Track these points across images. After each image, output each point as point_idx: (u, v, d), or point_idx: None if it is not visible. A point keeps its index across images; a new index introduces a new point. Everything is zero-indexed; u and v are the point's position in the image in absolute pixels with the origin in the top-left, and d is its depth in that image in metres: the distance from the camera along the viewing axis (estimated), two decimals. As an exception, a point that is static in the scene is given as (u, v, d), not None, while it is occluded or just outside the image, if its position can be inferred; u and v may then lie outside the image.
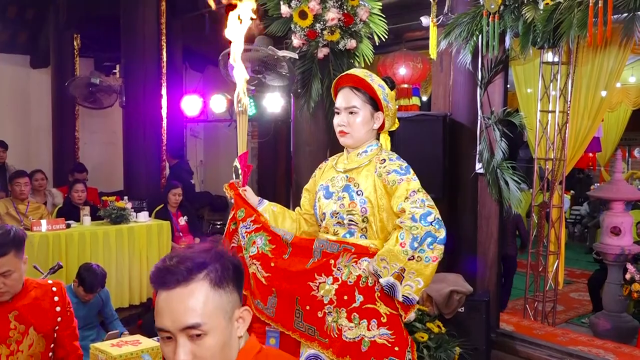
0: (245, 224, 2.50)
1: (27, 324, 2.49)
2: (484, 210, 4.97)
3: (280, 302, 2.47)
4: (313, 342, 2.45)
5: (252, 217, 2.50)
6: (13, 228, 2.49)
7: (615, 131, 10.45)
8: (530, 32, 4.35)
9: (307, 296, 2.44)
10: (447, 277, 4.79)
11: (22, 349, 2.49)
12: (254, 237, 2.48)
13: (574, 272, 8.08)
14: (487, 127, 4.82)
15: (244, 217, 2.50)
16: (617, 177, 5.73)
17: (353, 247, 2.46)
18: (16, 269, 2.44)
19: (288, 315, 2.47)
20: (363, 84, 2.50)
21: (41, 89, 8.48)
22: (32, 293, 2.54)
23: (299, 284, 2.45)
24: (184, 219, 6.20)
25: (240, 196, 2.54)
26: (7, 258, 2.38)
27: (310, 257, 2.46)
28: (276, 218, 2.62)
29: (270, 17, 4.44)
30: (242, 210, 2.52)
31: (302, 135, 4.70)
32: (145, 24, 6.80)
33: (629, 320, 5.48)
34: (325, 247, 2.47)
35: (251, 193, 2.59)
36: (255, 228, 2.48)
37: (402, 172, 2.40)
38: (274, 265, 2.46)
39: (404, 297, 2.33)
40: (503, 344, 4.87)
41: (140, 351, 3.23)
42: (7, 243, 2.40)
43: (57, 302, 2.59)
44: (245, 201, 2.54)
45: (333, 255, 2.45)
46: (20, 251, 2.47)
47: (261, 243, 2.47)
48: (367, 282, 2.42)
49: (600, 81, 5.72)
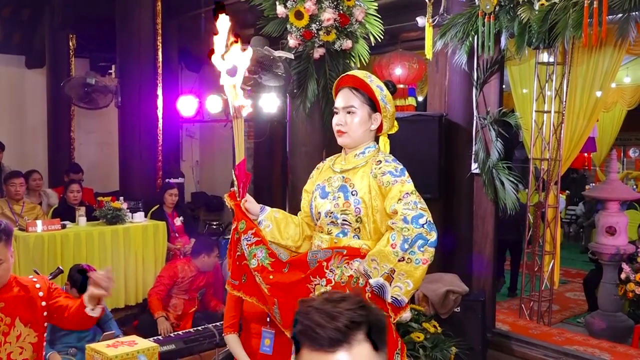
0: (246, 236, 2.49)
1: (13, 316, 2.50)
2: (479, 210, 4.98)
3: (283, 312, 2.47)
4: None
5: (253, 230, 2.50)
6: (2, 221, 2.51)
7: (611, 131, 10.50)
8: (525, 33, 4.37)
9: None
10: (443, 277, 4.80)
11: (10, 340, 2.50)
12: (254, 250, 2.48)
13: (569, 272, 8.09)
14: (482, 127, 4.83)
15: (245, 229, 2.50)
16: (612, 177, 5.74)
17: (345, 250, 2.46)
18: (5, 259, 2.46)
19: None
20: (362, 85, 2.51)
21: (36, 89, 8.45)
22: (15, 288, 2.55)
23: (297, 291, 2.44)
24: (180, 220, 6.19)
25: (239, 207, 2.52)
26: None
27: (307, 268, 2.47)
28: (279, 225, 2.62)
29: (266, 17, 4.44)
30: (242, 222, 2.51)
31: (298, 135, 4.71)
32: (141, 24, 6.79)
33: (624, 319, 5.48)
34: (318, 257, 2.48)
35: (252, 202, 2.56)
36: (256, 241, 2.48)
37: (397, 174, 2.41)
38: (273, 279, 2.46)
39: (393, 299, 2.33)
40: (499, 344, 4.88)
41: (136, 352, 3.22)
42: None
43: (42, 297, 2.60)
44: (244, 214, 2.52)
45: (326, 259, 2.45)
46: (9, 243, 2.49)
47: (261, 256, 2.47)
48: (357, 282, 2.43)
49: (595, 81, 5.75)
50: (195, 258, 4.98)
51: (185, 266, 4.98)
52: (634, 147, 12.72)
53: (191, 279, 4.96)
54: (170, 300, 4.95)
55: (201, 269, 4.98)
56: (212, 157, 10.01)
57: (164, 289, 4.87)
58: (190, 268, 4.97)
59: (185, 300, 4.99)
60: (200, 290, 5.07)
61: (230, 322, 3.25)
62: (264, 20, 4.45)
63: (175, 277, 4.90)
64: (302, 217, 2.72)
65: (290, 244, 2.64)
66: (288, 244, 2.64)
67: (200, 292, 5.07)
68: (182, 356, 3.97)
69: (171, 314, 4.90)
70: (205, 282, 5.08)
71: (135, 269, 5.55)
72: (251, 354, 3.20)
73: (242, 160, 2.49)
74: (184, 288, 4.96)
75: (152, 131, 6.91)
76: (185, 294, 4.98)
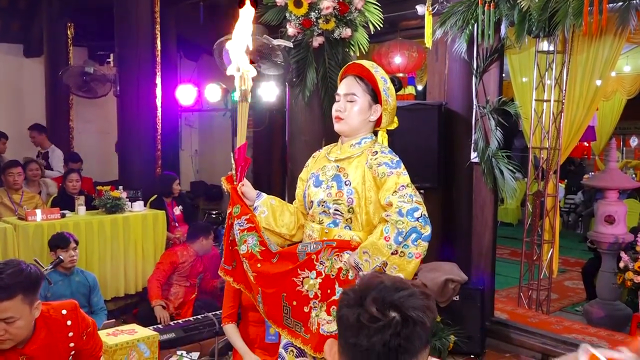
0: (239, 221, 2.48)
1: None
2: (478, 199, 5.00)
3: (266, 302, 2.47)
4: (297, 339, 2.45)
5: (247, 215, 2.48)
6: (28, 267, 2.18)
7: (610, 120, 10.47)
8: (525, 21, 4.38)
9: (293, 292, 2.44)
10: (442, 265, 4.82)
11: None
12: (245, 236, 2.46)
13: (568, 261, 8.12)
14: (482, 116, 4.84)
15: (239, 214, 2.48)
16: (612, 166, 5.75)
17: (335, 242, 2.45)
18: (22, 316, 2.13)
19: (277, 313, 2.47)
20: (367, 74, 2.50)
21: (35, 78, 8.43)
22: (42, 333, 2.26)
23: (282, 282, 2.44)
24: (179, 209, 6.21)
25: (236, 191, 2.50)
26: (12, 302, 2.09)
27: (297, 261, 2.45)
28: (274, 212, 2.60)
29: (265, 5, 4.44)
30: (237, 207, 2.49)
31: (297, 124, 4.72)
32: (139, 13, 6.76)
33: (623, 308, 5.50)
34: (307, 249, 2.47)
35: (249, 187, 2.55)
36: (249, 227, 2.47)
37: (393, 166, 2.39)
38: (260, 267, 2.45)
39: None
40: (497, 332, 4.92)
41: (136, 340, 3.26)
42: (15, 285, 2.10)
43: (72, 337, 2.37)
44: (240, 198, 2.50)
45: (316, 252, 2.44)
46: (31, 296, 2.15)
47: (252, 243, 2.46)
48: (347, 275, 2.42)
49: (595, 70, 5.72)
50: (193, 242, 4.99)
51: (184, 251, 5.00)
52: (634, 136, 12.72)
53: (191, 264, 4.98)
54: (171, 289, 4.96)
55: (199, 252, 5.00)
56: (211, 146, 10.01)
57: (164, 275, 4.88)
58: (189, 253, 4.99)
59: (186, 288, 5.00)
60: (199, 275, 5.10)
61: (229, 312, 3.28)
62: (263, 9, 4.44)
63: (176, 263, 4.91)
64: (297, 206, 2.71)
65: (285, 232, 2.63)
66: (282, 232, 2.62)
67: (199, 277, 5.10)
68: (182, 344, 3.97)
69: (171, 302, 4.91)
70: (204, 267, 5.11)
71: (135, 258, 5.57)
72: (249, 342, 3.24)
73: (243, 144, 2.46)
74: (184, 274, 4.98)
75: (151, 120, 6.90)
76: (186, 280, 5.00)
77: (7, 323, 2.09)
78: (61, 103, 8.15)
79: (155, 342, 3.33)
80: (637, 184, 7.20)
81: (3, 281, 2.08)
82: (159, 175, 6.78)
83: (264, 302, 2.47)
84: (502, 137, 4.80)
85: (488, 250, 5.03)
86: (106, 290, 5.28)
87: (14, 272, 2.08)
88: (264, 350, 3.21)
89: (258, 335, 3.25)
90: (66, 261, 4.24)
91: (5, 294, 2.07)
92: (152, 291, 4.81)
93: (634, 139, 12.72)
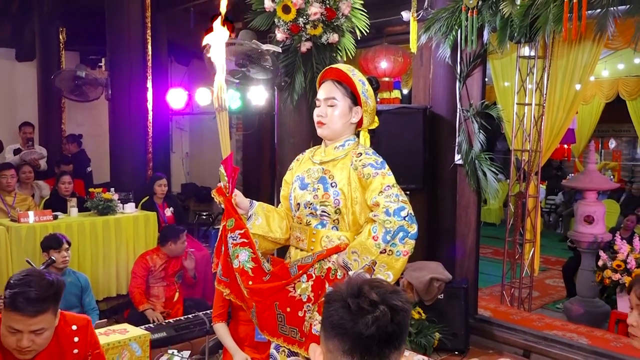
0: (233, 235, 2.46)
1: None
2: (462, 199, 5.09)
3: (260, 316, 2.48)
4: (294, 345, 2.46)
5: (242, 230, 2.46)
6: (54, 278, 2.19)
7: (589, 123, 10.65)
8: (507, 27, 4.46)
9: (285, 298, 2.43)
10: (427, 264, 4.91)
11: None
12: (238, 251, 2.45)
13: (549, 260, 8.24)
14: (465, 119, 4.92)
15: (233, 227, 2.46)
16: (591, 167, 5.86)
17: (325, 251, 2.46)
18: (50, 327, 2.17)
19: (271, 323, 2.47)
20: (345, 78, 2.54)
21: (27, 82, 8.44)
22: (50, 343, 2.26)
23: (275, 292, 2.44)
24: (170, 210, 6.26)
25: (230, 202, 2.48)
26: (45, 316, 2.13)
27: (289, 276, 2.45)
28: (268, 218, 2.62)
29: (254, 11, 4.50)
30: (232, 220, 2.47)
31: (286, 127, 4.78)
32: (130, 17, 6.82)
33: (601, 305, 5.63)
34: (299, 262, 2.46)
35: (241, 197, 2.54)
36: (242, 242, 2.45)
37: (378, 167, 2.42)
38: (252, 284, 2.45)
39: None
40: (481, 329, 5.00)
41: (127, 339, 3.31)
42: (48, 298, 2.12)
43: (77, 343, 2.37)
44: (235, 210, 2.49)
45: (309, 265, 2.45)
46: (57, 306, 2.18)
47: (244, 259, 2.44)
48: (336, 274, 2.44)
49: (574, 75, 5.85)
50: (163, 246, 5.03)
51: (154, 255, 5.02)
52: (612, 138, 12.91)
53: (164, 266, 5.02)
54: (151, 292, 5.02)
55: (170, 255, 5.04)
56: (201, 149, 10.08)
57: (142, 282, 4.93)
58: (159, 256, 5.02)
59: (164, 287, 5.05)
60: (177, 273, 5.16)
61: (219, 312, 3.29)
62: (252, 14, 4.51)
63: (147, 268, 4.97)
64: (283, 208, 2.73)
65: (279, 237, 2.64)
66: (277, 237, 2.64)
67: (177, 275, 5.16)
68: (173, 343, 3.98)
69: (157, 303, 4.97)
70: (181, 265, 5.16)
71: (126, 258, 5.61)
72: (239, 340, 3.26)
73: (229, 155, 2.44)
74: (159, 276, 5.02)
75: (142, 123, 6.96)
76: (162, 280, 5.04)
77: (37, 334, 2.12)
78: (53, 106, 8.16)
79: (146, 341, 3.37)
80: (615, 185, 7.35)
81: (36, 295, 2.09)
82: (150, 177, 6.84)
83: (258, 317, 2.47)
84: (485, 139, 4.88)
85: (472, 250, 5.11)
86: (98, 291, 5.33)
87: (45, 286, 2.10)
88: (253, 349, 3.23)
89: (248, 334, 3.26)
90: (58, 262, 4.30)
91: (40, 308, 2.09)
92: (136, 299, 4.86)
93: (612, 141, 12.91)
